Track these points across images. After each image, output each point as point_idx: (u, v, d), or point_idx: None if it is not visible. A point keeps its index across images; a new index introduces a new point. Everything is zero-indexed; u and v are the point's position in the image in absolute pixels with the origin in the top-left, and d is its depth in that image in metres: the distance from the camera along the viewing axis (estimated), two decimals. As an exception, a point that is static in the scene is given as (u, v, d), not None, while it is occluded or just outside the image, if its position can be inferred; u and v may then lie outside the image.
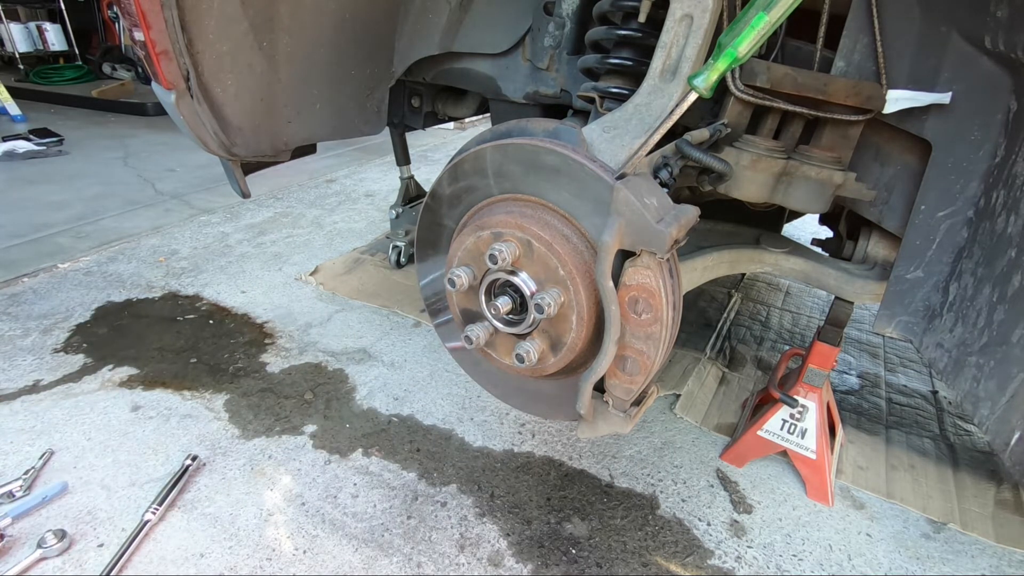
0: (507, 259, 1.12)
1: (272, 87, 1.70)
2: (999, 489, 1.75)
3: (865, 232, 1.57)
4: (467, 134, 5.83)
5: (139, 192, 3.75)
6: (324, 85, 1.84)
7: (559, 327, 1.17)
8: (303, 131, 1.87)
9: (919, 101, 1.20)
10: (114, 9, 1.99)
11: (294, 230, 3.28)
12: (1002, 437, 1.10)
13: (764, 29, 0.91)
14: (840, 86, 1.25)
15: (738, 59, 0.94)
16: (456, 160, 1.27)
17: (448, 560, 1.43)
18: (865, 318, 2.75)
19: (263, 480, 1.62)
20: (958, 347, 1.24)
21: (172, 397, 1.91)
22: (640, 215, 1.01)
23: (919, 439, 1.95)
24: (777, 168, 1.35)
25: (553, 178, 1.13)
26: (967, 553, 1.55)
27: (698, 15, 1.07)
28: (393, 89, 2.07)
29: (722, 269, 1.60)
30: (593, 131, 1.14)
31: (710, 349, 2.33)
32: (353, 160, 4.72)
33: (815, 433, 1.65)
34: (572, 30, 1.67)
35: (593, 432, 1.27)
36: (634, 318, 1.10)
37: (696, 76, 0.98)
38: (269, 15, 1.56)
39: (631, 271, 1.07)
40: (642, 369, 1.15)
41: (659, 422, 1.94)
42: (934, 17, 1.18)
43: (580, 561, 1.45)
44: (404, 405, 1.94)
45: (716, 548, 1.51)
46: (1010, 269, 1.10)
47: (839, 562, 1.50)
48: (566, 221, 1.14)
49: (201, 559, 1.39)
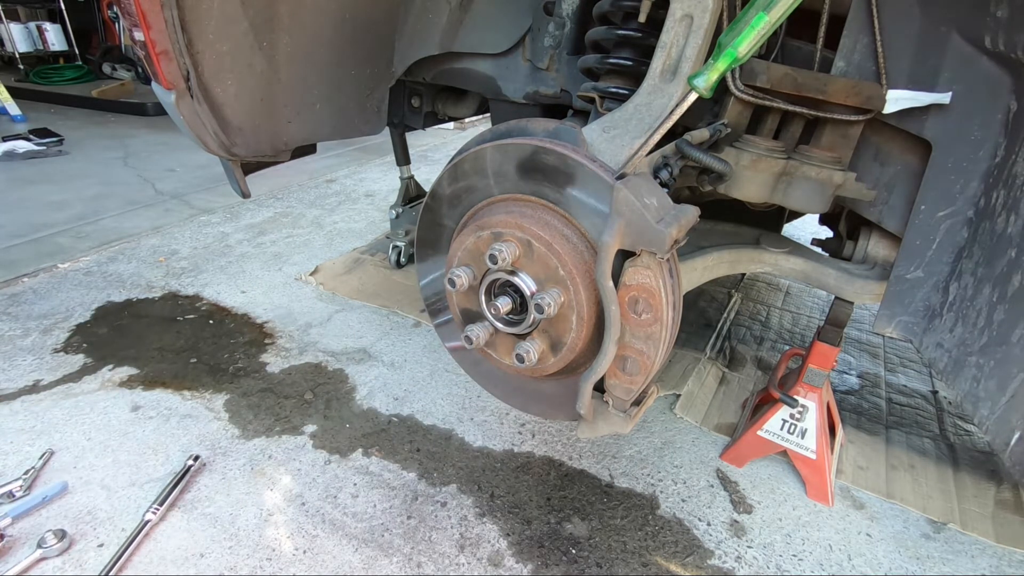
0: (507, 259, 1.12)
1: (272, 87, 1.70)
2: (999, 489, 1.75)
3: (865, 232, 1.56)
4: (467, 134, 5.83)
5: (139, 192, 3.75)
6: (324, 85, 1.84)
7: (559, 327, 1.17)
8: (303, 131, 1.87)
9: (919, 101, 1.20)
10: (114, 9, 1.99)
11: (294, 230, 3.28)
12: (1002, 437, 1.10)
13: (764, 29, 0.91)
14: (840, 86, 1.25)
15: (738, 59, 0.94)
16: (456, 160, 1.27)
17: (448, 560, 1.43)
18: (865, 318, 2.75)
19: (263, 480, 1.62)
20: (958, 347, 1.24)
21: (172, 397, 1.91)
22: (640, 215, 1.01)
23: (919, 439, 1.95)
24: (777, 168, 1.35)
25: (553, 178, 1.13)
26: (967, 553, 1.55)
27: (698, 15, 1.07)
28: (393, 89, 2.07)
29: (722, 269, 1.60)
30: (593, 131, 1.14)
31: (710, 349, 2.33)
32: (353, 160, 4.73)
33: (815, 433, 1.65)
34: (572, 30, 1.67)
35: (593, 432, 1.27)
36: (634, 318, 1.10)
37: (696, 76, 0.98)
38: (269, 15, 1.56)
39: (631, 271, 1.07)
40: (642, 369, 1.15)
41: (659, 422, 1.94)
42: (934, 17, 1.18)
43: (580, 561, 1.45)
44: (404, 405, 1.94)
45: (716, 548, 1.51)
46: (1010, 269, 1.10)
47: (839, 562, 1.50)
48: (566, 221, 1.14)
49: (201, 559, 1.39)
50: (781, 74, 1.27)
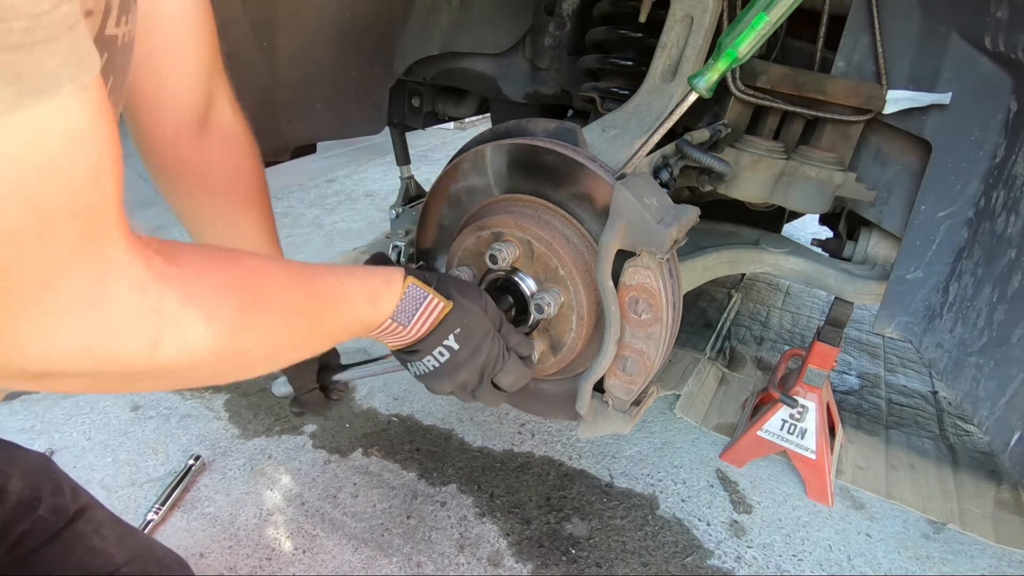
0: (507, 259, 1.11)
1: (272, 87, 1.70)
2: (999, 489, 1.75)
3: (865, 232, 1.56)
4: (467, 134, 5.84)
5: (139, 192, 3.73)
6: (324, 85, 1.84)
7: (559, 327, 1.17)
8: (303, 131, 1.87)
9: (919, 101, 1.20)
10: (114, 9, 1.98)
11: (294, 230, 3.28)
12: (1002, 437, 1.10)
13: (764, 29, 0.91)
14: (840, 86, 1.25)
15: (738, 59, 0.94)
16: (456, 160, 1.27)
17: (448, 560, 1.43)
18: (865, 318, 2.75)
19: (263, 480, 1.62)
20: (958, 347, 1.24)
21: (172, 397, 1.90)
22: (641, 215, 1.01)
23: (919, 439, 1.95)
24: (776, 168, 1.35)
25: (553, 177, 1.13)
26: (967, 553, 1.55)
27: (698, 15, 1.07)
28: (393, 89, 2.07)
29: (722, 269, 1.60)
30: (593, 131, 1.14)
31: (710, 349, 2.33)
32: (353, 160, 4.73)
33: (815, 433, 1.65)
34: (572, 30, 1.67)
35: (593, 432, 1.27)
36: (634, 318, 1.10)
37: (696, 76, 0.98)
38: (269, 15, 1.56)
39: (631, 271, 1.07)
40: (642, 369, 1.15)
41: (659, 422, 1.94)
42: (934, 17, 1.18)
43: (580, 561, 1.45)
44: (404, 405, 1.94)
45: (716, 548, 1.51)
46: (1010, 269, 1.10)
47: (839, 562, 1.50)
48: (566, 221, 1.14)
49: (201, 559, 1.39)
50: (781, 74, 1.27)
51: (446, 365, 0.68)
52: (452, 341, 0.67)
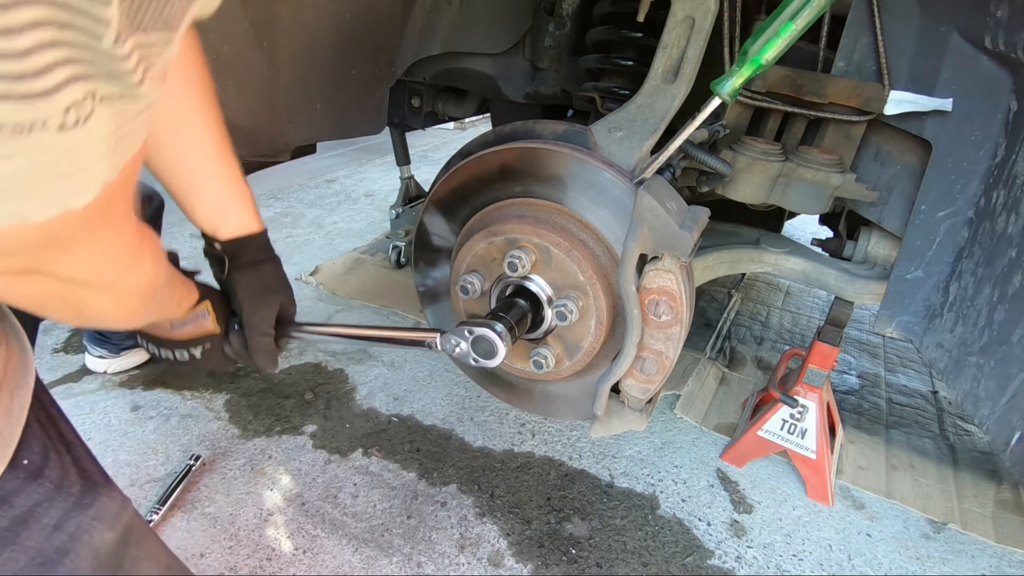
0: (526, 266, 1.11)
1: (272, 87, 1.70)
2: (999, 489, 1.75)
3: (865, 232, 1.57)
4: (467, 134, 5.83)
5: (139, 192, 3.74)
6: (324, 85, 1.84)
7: (576, 332, 1.16)
8: (303, 131, 1.87)
9: (921, 106, 1.20)
10: (114, 9, 1.98)
11: (294, 230, 3.28)
12: (1002, 437, 1.10)
13: (791, 37, 0.92)
14: (840, 87, 1.25)
15: (763, 67, 0.95)
16: (460, 163, 1.27)
17: (448, 560, 1.43)
18: (865, 318, 2.75)
19: (263, 480, 1.62)
20: (958, 347, 1.25)
21: (172, 397, 1.90)
22: (665, 220, 1.02)
23: (919, 439, 1.95)
24: (773, 170, 1.35)
25: (568, 182, 1.12)
26: (967, 553, 1.56)
27: (700, 17, 1.07)
28: (393, 89, 2.07)
29: (722, 269, 1.60)
30: (600, 132, 1.14)
31: (710, 349, 2.33)
32: (353, 160, 4.72)
33: (815, 433, 1.65)
34: (572, 30, 1.68)
35: (608, 431, 1.27)
36: (654, 320, 1.11)
37: (720, 82, 0.98)
38: (269, 15, 1.56)
39: (652, 274, 1.08)
40: (660, 369, 1.15)
41: (659, 422, 1.94)
42: (934, 17, 1.18)
43: (580, 561, 1.45)
44: (404, 405, 1.94)
45: (716, 548, 1.51)
46: (1010, 269, 1.10)
47: (839, 562, 1.50)
48: (582, 225, 1.14)
49: (201, 559, 1.39)
50: (780, 75, 1.27)
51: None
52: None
